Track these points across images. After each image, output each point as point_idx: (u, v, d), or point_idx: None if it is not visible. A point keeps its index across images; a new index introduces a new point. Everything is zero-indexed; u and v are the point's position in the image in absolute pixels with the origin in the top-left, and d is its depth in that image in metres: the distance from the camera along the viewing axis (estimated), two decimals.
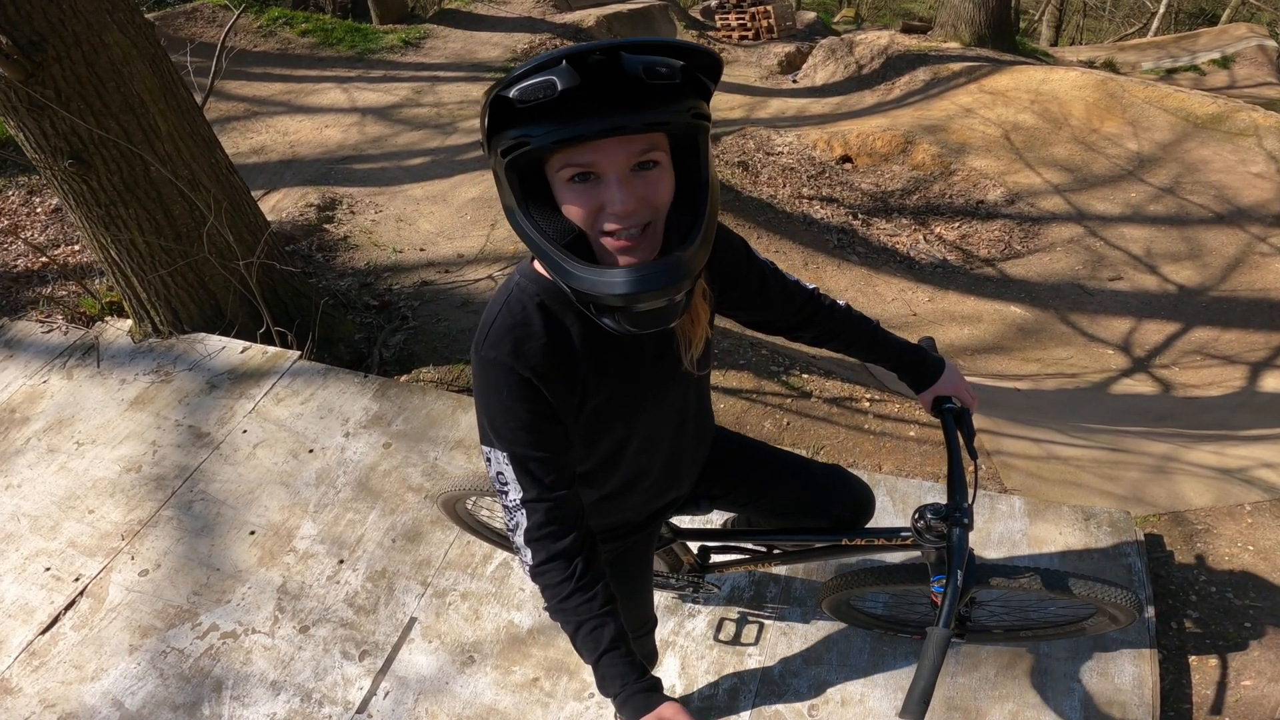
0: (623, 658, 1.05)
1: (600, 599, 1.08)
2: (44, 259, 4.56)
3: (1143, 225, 5.92)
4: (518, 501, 1.08)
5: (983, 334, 4.79)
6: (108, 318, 3.35)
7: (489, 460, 1.09)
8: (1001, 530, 2.29)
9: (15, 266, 4.61)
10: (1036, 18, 20.62)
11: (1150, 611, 2.06)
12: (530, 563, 1.10)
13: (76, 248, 4.76)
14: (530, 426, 1.05)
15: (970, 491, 1.38)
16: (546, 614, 1.10)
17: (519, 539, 1.10)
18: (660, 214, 0.93)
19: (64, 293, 4.06)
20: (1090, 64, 10.10)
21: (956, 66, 8.23)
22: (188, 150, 2.86)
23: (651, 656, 1.80)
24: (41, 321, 3.42)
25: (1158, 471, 2.64)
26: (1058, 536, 2.26)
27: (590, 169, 0.88)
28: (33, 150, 2.65)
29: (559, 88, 0.80)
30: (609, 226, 0.90)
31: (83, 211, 2.80)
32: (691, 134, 0.92)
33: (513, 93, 0.81)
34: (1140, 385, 4.14)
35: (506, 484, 1.08)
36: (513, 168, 0.89)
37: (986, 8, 8.79)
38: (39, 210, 5.12)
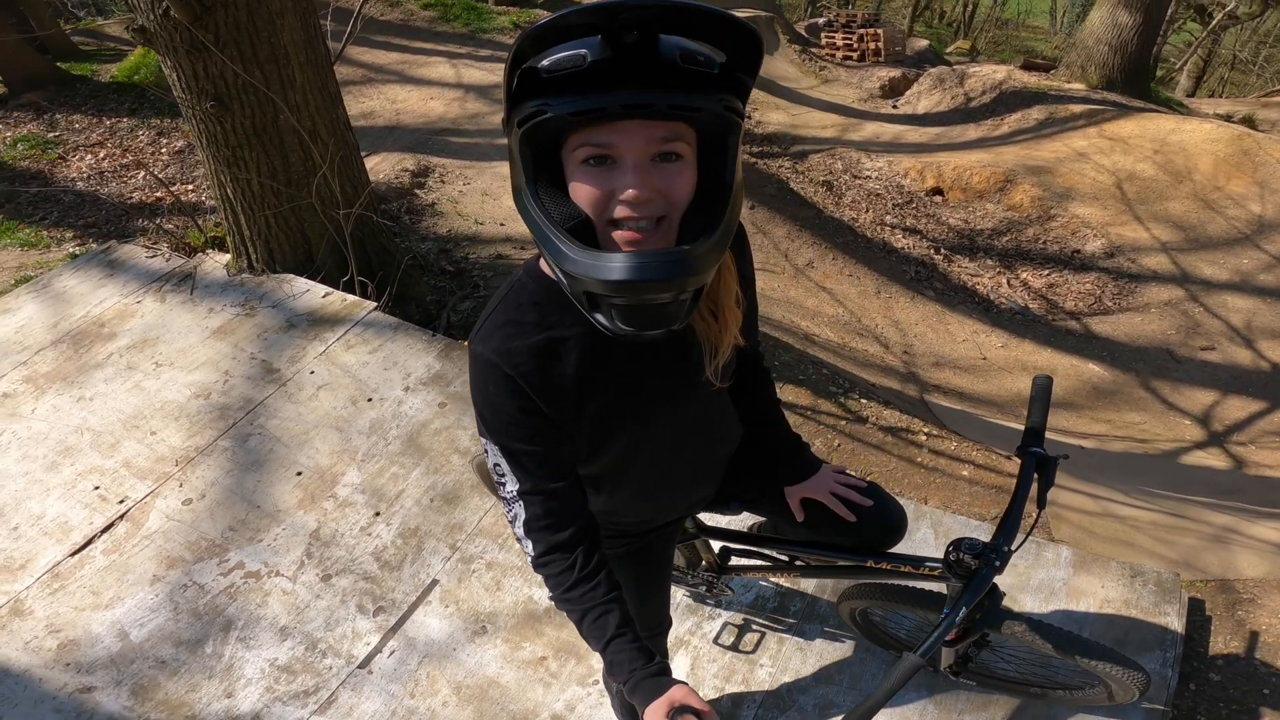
0: (630, 643, 1.05)
1: (604, 587, 1.08)
2: (158, 195, 4.89)
3: (1249, 295, 5.55)
4: (514, 493, 1.07)
5: (1054, 388, 4.60)
6: (209, 250, 3.56)
7: (486, 451, 1.08)
8: (1042, 577, 2.19)
9: (131, 198, 4.96)
10: (1177, 67, 19.50)
11: (1174, 672, 1.97)
12: (532, 554, 1.10)
13: (190, 187, 5.08)
14: (519, 422, 1.03)
15: (1019, 538, 1.32)
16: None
17: (519, 530, 1.10)
18: (676, 211, 0.87)
19: (171, 225, 4.35)
20: (1228, 118, 9.50)
21: (1077, 108, 7.81)
22: (314, 103, 3.01)
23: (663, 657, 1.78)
24: (147, 247, 3.66)
25: (1215, 541, 2.51)
26: (1099, 590, 2.15)
27: (608, 151, 0.83)
28: (180, 90, 2.83)
29: (588, 59, 0.77)
30: (618, 214, 0.85)
31: (211, 151, 2.99)
32: (722, 131, 0.87)
33: (542, 63, 0.78)
34: (1211, 459, 3.90)
35: (504, 475, 1.07)
36: (528, 141, 0.84)
37: (1124, 52, 8.21)
38: (164, 151, 5.48)
